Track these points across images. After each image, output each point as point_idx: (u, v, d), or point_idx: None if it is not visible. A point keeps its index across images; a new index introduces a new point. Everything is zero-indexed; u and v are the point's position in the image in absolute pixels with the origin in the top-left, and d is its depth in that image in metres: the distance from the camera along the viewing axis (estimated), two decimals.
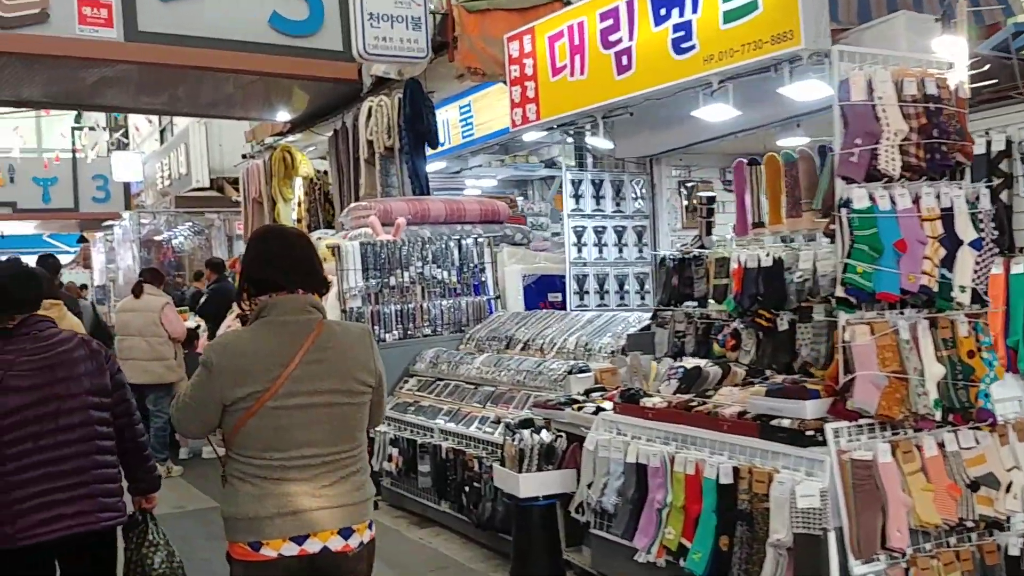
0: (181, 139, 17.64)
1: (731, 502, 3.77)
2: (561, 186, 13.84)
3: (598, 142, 6.77)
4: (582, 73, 6.52)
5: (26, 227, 24.75)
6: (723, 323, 4.99)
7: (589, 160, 8.12)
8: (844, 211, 3.68)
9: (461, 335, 7.37)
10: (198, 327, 9.56)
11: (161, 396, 8.53)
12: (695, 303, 5.19)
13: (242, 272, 2.88)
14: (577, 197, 7.24)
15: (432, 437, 6.08)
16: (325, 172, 12.83)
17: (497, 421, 5.59)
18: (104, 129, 22.09)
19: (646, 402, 4.37)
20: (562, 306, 8.03)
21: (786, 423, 3.71)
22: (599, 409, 4.67)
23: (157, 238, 16.90)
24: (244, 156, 13.40)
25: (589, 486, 4.47)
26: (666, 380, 4.56)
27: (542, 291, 8.09)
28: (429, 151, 9.63)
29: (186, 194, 17.21)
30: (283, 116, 12.13)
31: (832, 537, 3.49)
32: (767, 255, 4.61)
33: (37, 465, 3.24)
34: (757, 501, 3.67)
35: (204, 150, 17.04)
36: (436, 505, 6.10)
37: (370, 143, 9.61)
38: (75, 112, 22.84)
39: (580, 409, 4.81)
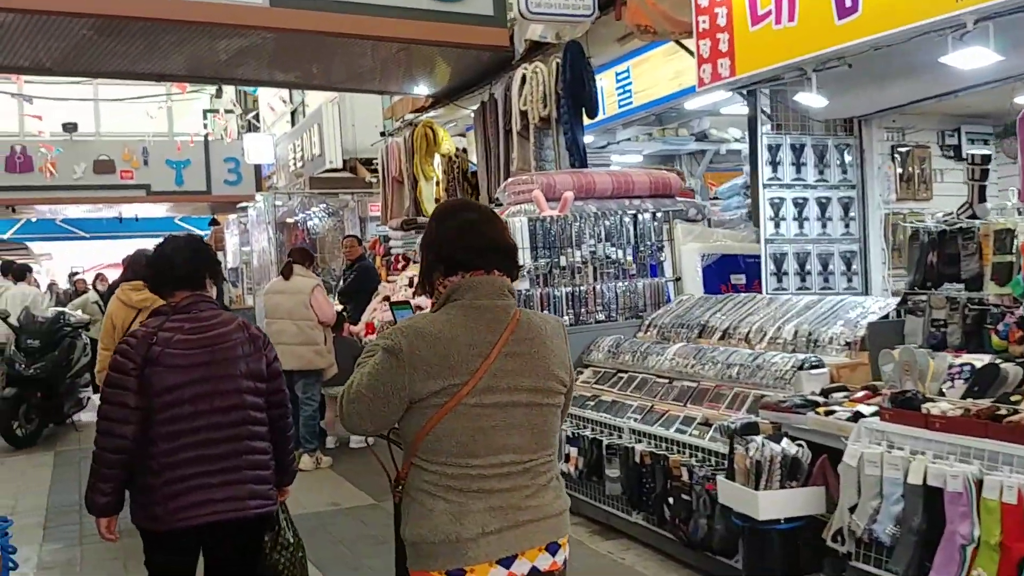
0: (314, 119, 17.40)
1: None
2: (711, 160, 13.00)
3: (809, 99, 5.87)
4: (791, 20, 5.65)
5: (158, 210, 25.21)
6: (1003, 310, 4.08)
7: (765, 126, 7.26)
8: None
9: (638, 321, 6.60)
10: (345, 309, 9.08)
11: (311, 383, 8.08)
12: (960, 285, 4.28)
13: (430, 250, 2.49)
14: (774, 165, 6.35)
15: (621, 438, 5.35)
16: (463, 149, 12.24)
17: (705, 423, 4.81)
18: (236, 113, 22.13)
19: (930, 408, 3.51)
20: (746, 289, 7.19)
21: None
22: (857, 415, 3.83)
23: (290, 220, 16.67)
24: (383, 134, 12.91)
25: (851, 510, 3.65)
26: (948, 381, 3.69)
27: (723, 272, 7.25)
28: (586, 121, 8.85)
29: (319, 175, 16.97)
30: (422, 89, 11.58)
31: None
32: None
33: (190, 447, 3.19)
34: None
35: (337, 130, 16.75)
36: (626, 515, 5.37)
37: (523, 113, 8.89)
38: (206, 95, 23.05)
39: (829, 414, 3.98)
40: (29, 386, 9.67)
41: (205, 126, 21.66)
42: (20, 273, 12.21)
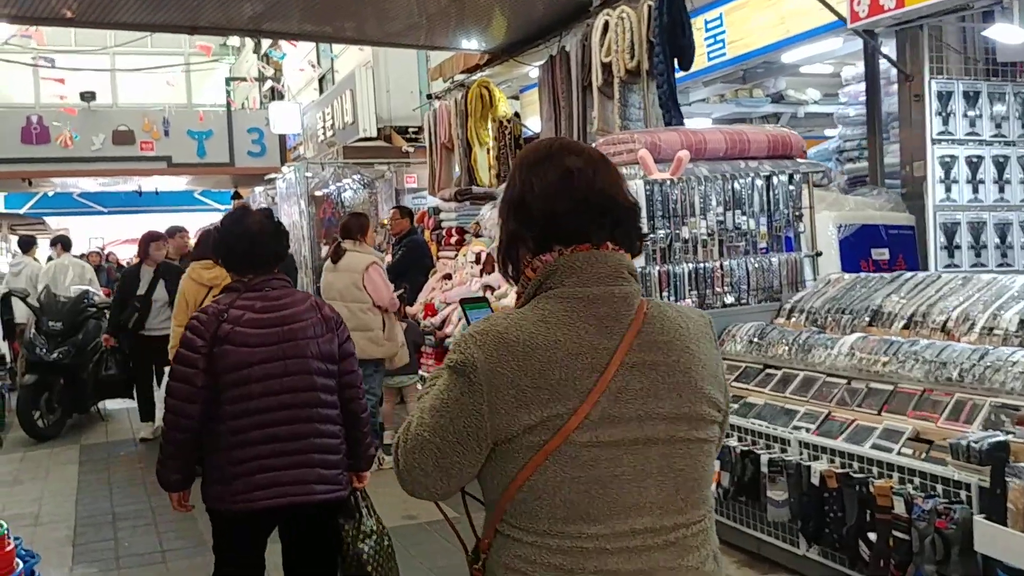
0: (346, 85, 16.37)
1: None
2: (786, 125, 11.91)
3: (1005, 33, 4.79)
4: None
5: (178, 183, 24.27)
6: None
7: (888, 75, 6.19)
8: None
9: (774, 305, 5.56)
10: (404, 290, 8.05)
11: (369, 373, 7.01)
12: None
13: (513, 213, 1.73)
14: (946, 117, 5.27)
15: (786, 451, 4.32)
16: (516, 113, 11.19)
17: (917, 438, 3.77)
18: (268, 75, 21.02)
19: None
20: (889, 266, 6.14)
21: None
22: None
23: (319, 193, 15.61)
24: (430, 96, 11.82)
25: None
26: None
27: (862, 246, 6.19)
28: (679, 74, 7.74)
29: (351, 144, 15.94)
30: (473, 45, 10.50)
31: None
32: None
33: (258, 427, 3.11)
34: None
35: (371, 96, 15.71)
36: (790, 547, 4.36)
37: (605, 66, 7.81)
38: (227, 64, 22.00)
39: None
40: (51, 372, 8.78)
41: (228, 93, 20.58)
42: (67, 243, 11.45)
